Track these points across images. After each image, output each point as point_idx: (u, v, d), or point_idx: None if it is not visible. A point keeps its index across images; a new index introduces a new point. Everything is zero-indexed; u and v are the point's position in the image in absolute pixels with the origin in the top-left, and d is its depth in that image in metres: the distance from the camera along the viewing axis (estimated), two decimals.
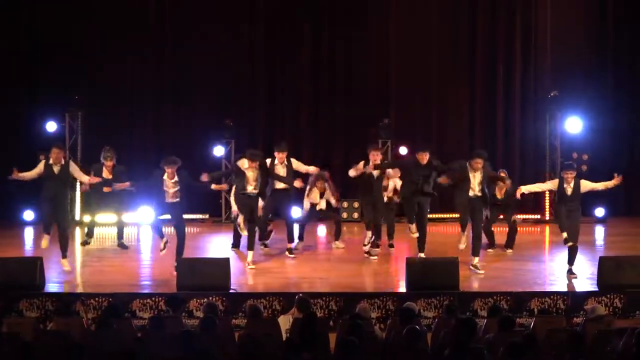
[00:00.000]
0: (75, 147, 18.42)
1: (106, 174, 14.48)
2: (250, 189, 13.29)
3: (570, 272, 12.47)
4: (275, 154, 14.00)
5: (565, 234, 12.42)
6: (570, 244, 12.39)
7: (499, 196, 14.28)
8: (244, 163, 13.56)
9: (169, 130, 18.85)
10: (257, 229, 13.66)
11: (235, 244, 14.63)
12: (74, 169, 13.04)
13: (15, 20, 18.66)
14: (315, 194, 14.68)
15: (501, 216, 14.47)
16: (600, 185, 12.85)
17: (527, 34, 19.02)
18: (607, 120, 18.60)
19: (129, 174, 14.42)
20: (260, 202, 13.69)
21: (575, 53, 18.77)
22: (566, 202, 12.50)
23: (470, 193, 12.77)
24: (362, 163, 13.62)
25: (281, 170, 13.95)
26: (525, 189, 12.92)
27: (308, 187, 14.66)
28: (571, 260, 12.52)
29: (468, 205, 12.81)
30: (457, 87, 19.09)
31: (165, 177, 12.60)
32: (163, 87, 18.97)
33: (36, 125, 18.22)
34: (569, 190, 12.50)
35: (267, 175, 13.63)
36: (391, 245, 14.55)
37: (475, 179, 12.74)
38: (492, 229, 14.32)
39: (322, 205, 14.75)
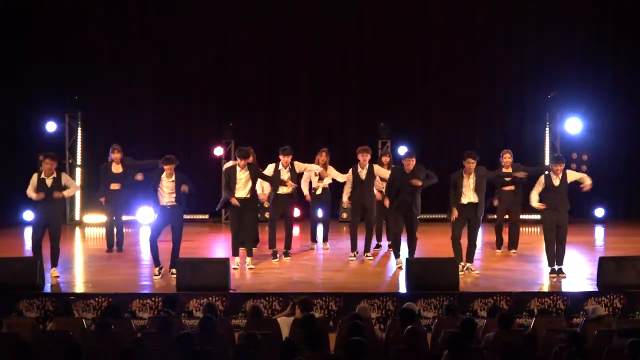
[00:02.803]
0: (74, 147, 18.44)
1: (115, 168, 14.51)
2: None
3: (560, 272, 12.50)
4: (280, 157, 13.95)
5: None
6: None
7: (505, 170, 14.31)
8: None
9: (168, 131, 18.87)
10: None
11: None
12: (66, 179, 12.63)
13: (14, 20, 18.67)
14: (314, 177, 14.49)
15: (506, 216, 14.51)
16: (582, 176, 12.73)
17: (526, 34, 19.04)
18: (607, 121, 18.62)
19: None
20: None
21: (574, 53, 18.78)
22: (554, 193, 12.45)
23: (464, 200, 12.72)
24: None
25: (285, 175, 13.91)
26: (535, 202, 12.74)
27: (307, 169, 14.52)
28: (560, 260, 12.56)
29: (462, 212, 12.73)
30: (456, 88, 19.09)
31: (163, 175, 12.60)
32: (163, 87, 18.98)
33: (36, 125, 18.24)
34: (557, 182, 12.50)
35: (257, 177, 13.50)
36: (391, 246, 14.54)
37: (470, 183, 12.66)
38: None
39: (319, 190, 14.57)
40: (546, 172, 12.76)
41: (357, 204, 13.97)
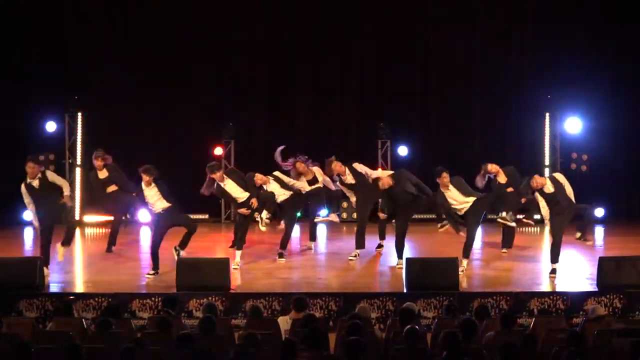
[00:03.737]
0: (74, 147, 18.44)
1: (102, 174, 14.45)
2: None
3: (552, 272, 12.52)
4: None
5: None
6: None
7: (502, 182, 14.17)
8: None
9: (168, 131, 18.87)
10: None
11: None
12: (53, 177, 12.53)
13: (13, 20, 18.67)
14: (302, 182, 14.32)
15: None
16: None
17: (526, 34, 19.03)
18: (607, 121, 18.58)
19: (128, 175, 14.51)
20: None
21: (575, 52, 18.74)
22: (552, 202, 12.46)
23: (460, 210, 12.71)
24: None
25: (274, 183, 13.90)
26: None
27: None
28: (555, 258, 12.55)
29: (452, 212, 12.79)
30: (455, 88, 19.08)
31: (142, 185, 12.61)
32: (163, 88, 18.97)
33: (36, 125, 18.24)
34: (552, 189, 12.47)
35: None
36: None
37: (452, 195, 12.68)
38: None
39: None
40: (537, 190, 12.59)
41: (364, 203, 13.94)
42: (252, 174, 13.50)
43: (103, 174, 14.48)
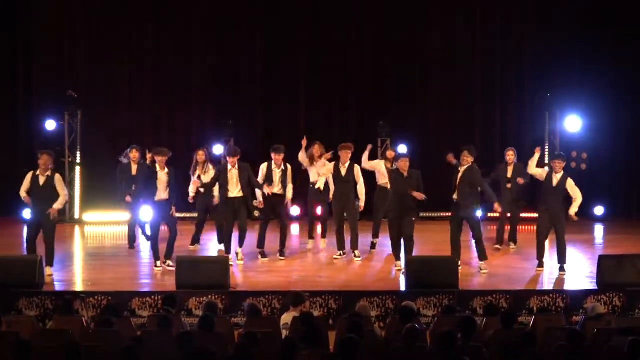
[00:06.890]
0: (74, 145, 18.43)
1: (134, 169, 14.64)
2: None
3: (560, 269, 12.54)
4: (272, 156, 13.88)
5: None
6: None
7: (508, 175, 14.52)
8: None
9: (168, 129, 18.86)
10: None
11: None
12: (59, 182, 12.49)
13: (13, 18, 18.67)
14: (312, 172, 14.42)
15: (508, 215, 14.55)
16: (576, 198, 12.66)
17: (525, 33, 19.02)
18: (607, 119, 18.59)
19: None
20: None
21: (575, 51, 18.73)
22: (551, 193, 12.53)
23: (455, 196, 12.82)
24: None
25: (277, 175, 13.84)
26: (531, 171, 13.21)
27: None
28: (561, 258, 12.57)
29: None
30: (455, 86, 19.08)
31: (157, 169, 12.70)
32: (162, 86, 18.97)
33: (35, 123, 18.23)
34: (555, 181, 12.55)
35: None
36: None
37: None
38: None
39: (320, 183, 14.34)
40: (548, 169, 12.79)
41: (339, 201, 13.93)
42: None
43: (134, 170, 14.65)
